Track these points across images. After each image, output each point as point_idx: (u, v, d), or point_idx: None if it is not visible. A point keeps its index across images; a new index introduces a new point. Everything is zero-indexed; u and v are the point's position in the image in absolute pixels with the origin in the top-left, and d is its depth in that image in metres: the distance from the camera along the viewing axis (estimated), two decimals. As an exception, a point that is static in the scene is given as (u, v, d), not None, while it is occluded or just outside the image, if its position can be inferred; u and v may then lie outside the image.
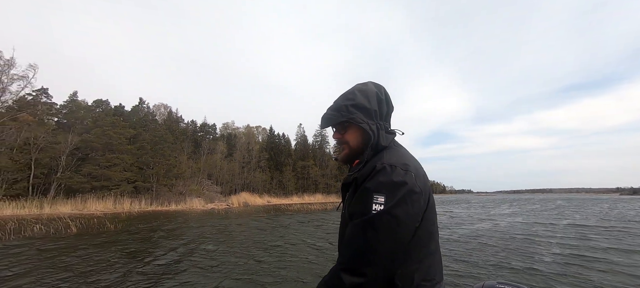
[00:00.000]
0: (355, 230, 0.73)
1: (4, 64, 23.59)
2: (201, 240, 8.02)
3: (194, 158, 38.17)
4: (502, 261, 5.33)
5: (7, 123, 22.07)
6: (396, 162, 0.78)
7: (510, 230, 9.46)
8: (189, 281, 4.29)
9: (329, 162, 53.21)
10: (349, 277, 0.70)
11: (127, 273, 4.72)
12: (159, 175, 27.27)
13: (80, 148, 24.72)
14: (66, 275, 4.56)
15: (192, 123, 47.91)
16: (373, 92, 0.90)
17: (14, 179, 20.97)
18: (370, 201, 0.72)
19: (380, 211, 0.71)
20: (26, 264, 5.24)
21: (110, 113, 31.35)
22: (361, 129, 0.89)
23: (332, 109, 0.92)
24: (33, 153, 22.06)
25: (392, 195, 0.72)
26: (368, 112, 0.87)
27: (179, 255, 6.05)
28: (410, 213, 0.73)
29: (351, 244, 0.73)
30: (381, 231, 0.70)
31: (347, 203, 0.84)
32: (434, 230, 0.82)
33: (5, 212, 15.98)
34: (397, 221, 0.71)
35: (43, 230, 9.59)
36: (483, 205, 27.56)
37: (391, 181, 0.73)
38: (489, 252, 6.14)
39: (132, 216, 15.91)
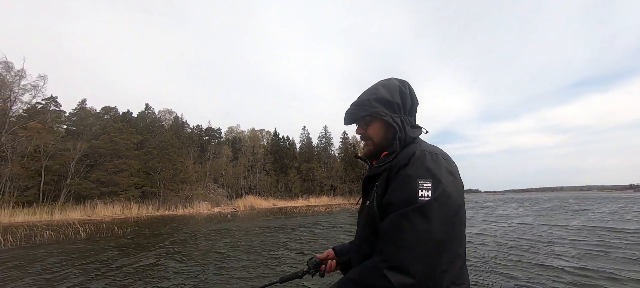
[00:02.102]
0: (399, 221, 0.64)
1: (14, 75, 24.26)
2: (211, 242, 8.04)
3: (200, 162, 38.50)
4: (515, 264, 5.20)
5: (19, 131, 22.61)
6: (435, 150, 0.75)
7: (518, 232, 9.27)
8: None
9: (334, 164, 53.15)
10: (398, 275, 0.60)
11: (137, 277, 4.74)
12: (166, 180, 27.57)
13: (88, 154, 25.18)
14: (75, 281, 4.60)
15: (197, 128, 48.41)
16: (396, 86, 0.88)
17: (25, 186, 21.43)
18: (415, 188, 0.65)
19: (430, 199, 0.63)
20: (32, 270, 5.31)
21: (118, 120, 31.89)
22: (384, 123, 0.87)
23: (355, 104, 0.91)
24: (43, 160, 22.53)
25: (439, 182, 0.66)
26: (391, 105, 0.85)
27: (190, 259, 6.07)
28: (458, 202, 0.68)
29: (397, 237, 0.63)
30: (433, 220, 0.62)
31: (376, 194, 0.78)
32: (464, 229, 0.74)
33: (17, 219, 16.31)
34: (448, 210, 0.64)
35: (53, 236, 9.74)
36: (489, 206, 27.12)
37: (436, 168, 0.68)
38: (498, 255, 6.01)
39: (140, 221, 16.08)
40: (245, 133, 56.47)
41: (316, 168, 50.38)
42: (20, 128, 22.93)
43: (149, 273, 4.98)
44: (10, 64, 23.75)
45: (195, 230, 11.63)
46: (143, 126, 33.67)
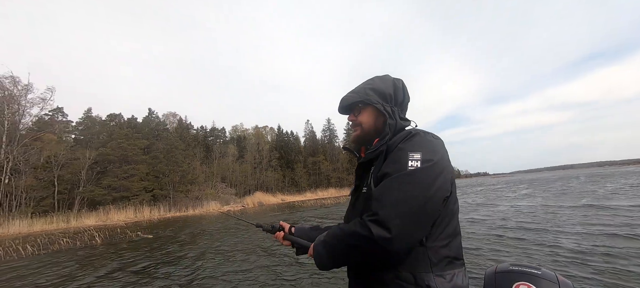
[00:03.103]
0: (389, 184, 0.72)
1: (21, 89, 24.66)
2: (224, 240, 8.18)
3: (207, 162, 38.93)
4: (517, 246, 5.18)
5: (30, 144, 23.11)
6: (425, 131, 0.83)
7: (524, 213, 9.20)
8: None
9: (339, 156, 53.13)
10: (378, 228, 0.68)
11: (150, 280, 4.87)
12: (175, 182, 28.00)
13: (98, 161, 25.65)
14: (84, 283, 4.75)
15: (202, 129, 48.77)
16: (390, 80, 0.95)
17: (40, 196, 22.03)
18: (405, 158, 0.73)
19: (418, 167, 0.71)
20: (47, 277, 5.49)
21: (124, 126, 32.30)
22: (376, 111, 0.94)
23: (351, 91, 0.99)
24: (55, 170, 23.07)
25: (428, 155, 0.73)
26: (384, 95, 0.92)
27: (207, 260, 6.19)
28: (445, 177, 0.74)
29: (383, 197, 0.71)
30: (417, 186, 0.70)
31: (374, 177, 0.83)
32: (457, 207, 0.83)
33: (35, 228, 16.82)
34: (433, 180, 0.71)
35: (70, 243, 10.03)
36: (497, 188, 26.88)
37: (427, 143, 0.77)
38: (500, 237, 5.98)
39: (152, 224, 16.42)
40: (249, 131, 56.71)
41: (322, 161, 50.49)
42: (31, 140, 23.44)
43: (162, 273, 5.11)
44: (16, 78, 24.13)
45: (207, 229, 11.83)
46: (148, 131, 34.05)
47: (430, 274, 0.72)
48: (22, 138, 23.09)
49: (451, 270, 0.75)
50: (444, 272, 0.74)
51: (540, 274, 0.87)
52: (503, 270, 0.95)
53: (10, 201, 20.47)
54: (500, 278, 0.92)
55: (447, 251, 0.76)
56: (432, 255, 0.74)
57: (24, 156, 22.23)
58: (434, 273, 0.73)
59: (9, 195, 20.56)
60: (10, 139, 22.46)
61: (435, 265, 0.73)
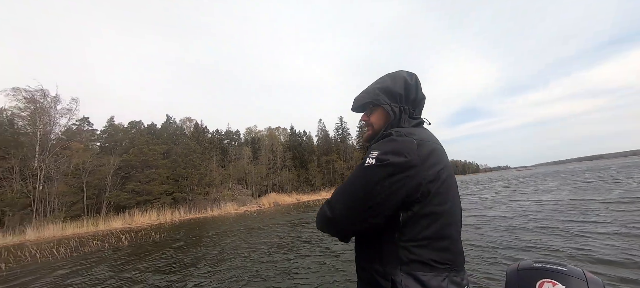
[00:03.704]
0: (349, 176, 0.84)
1: (51, 101, 26.29)
2: (244, 239, 8.37)
3: (223, 165, 39.85)
4: (537, 244, 4.94)
5: (60, 152, 24.60)
6: (403, 131, 0.84)
7: (548, 209, 8.76)
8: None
9: (353, 154, 52.82)
10: (327, 209, 0.83)
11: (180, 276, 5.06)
12: (193, 185, 28.88)
13: (122, 167, 26.87)
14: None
15: (217, 132, 49.98)
16: (402, 77, 0.94)
17: (71, 202, 23.37)
18: (366, 155, 0.81)
19: (370, 164, 0.77)
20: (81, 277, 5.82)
21: (144, 132, 33.67)
22: (385, 112, 0.95)
23: (363, 91, 1.01)
24: (83, 176, 24.39)
25: (384, 155, 0.77)
26: (392, 95, 0.93)
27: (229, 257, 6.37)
28: (403, 178, 0.75)
29: (339, 186, 0.84)
30: (361, 179, 0.78)
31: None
32: (446, 210, 0.79)
33: (68, 232, 17.89)
34: (379, 178, 0.75)
35: (99, 245, 10.60)
36: (519, 182, 25.76)
37: (391, 144, 0.80)
38: (518, 235, 5.73)
39: (174, 226, 17.04)
40: (263, 132, 57.49)
41: (335, 160, 50.40)
42: (61, 149, 24.94)
43: (189, 270, 5.29)
44: (46, 91, 25.76)
45: (225, 229, 12.14)
46: (167, 136, 35.31)
47: (397, 270, 0.76)
48: (53, 147, 24.61)
49: (425, 272, 0.74)
50: (416, 272, 0.74)
51: (567, 271, 0.83)
52: (526, 267, 0.91)
53: (45, 207, 21.87)
54: (523, 276, 0.88)
55: (424, 252, 0.76)
56: (402, 253, 0.76)
57: (55, 164, 23.69)
58: (402, 271, 0.75)
59: (43, 200, 21.97)
60: (43, 149, 24.00)
61: (405, 263, 0.75)
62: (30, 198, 21.58)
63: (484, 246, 4.89)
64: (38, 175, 22.57)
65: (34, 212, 21.06)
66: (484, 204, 10.96)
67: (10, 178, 22.25)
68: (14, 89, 24.31)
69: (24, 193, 21.65)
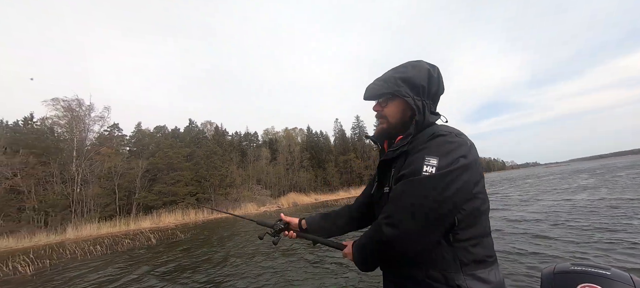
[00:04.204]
0: (403, 188, 0.74)
1: (85, 109, 28.27)
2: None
3: (243, 166, 40.86)
4: (568, 249, 4.60)
5: (94, 157, 26.40)
6: (451, 130, 0.79)
7: (581, 209, 8.14)
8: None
9: (371, 152, 52.13)
10: (391, 229, 0.72)
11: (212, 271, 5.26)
12: (215, 186, 29.89)
13: (149, 170, 28.34)
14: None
15: (236, 135, 51.32)
16: (425, 69, 0.87)
17: (105, 203, 25.01)
18: (421, 163, 0.73)
19: (432, 174, 0.71)
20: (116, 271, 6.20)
21: (169, 136, 35.30)
22: (404, 105, 0.88)
23: (380, 79, 0.92)
24: (115, 179, 25.98)
25: (445, 161, 0.71)
26: (415, 87, 0.85)
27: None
28: (466, 180, 0.72)
29: (397, 200, 0.74)
30: (430, 191, 0.70)
31: (394, 180, 0.82)
32: (487, 206, 0.80)
33: (102, 231, 19.15)
34: (446, 186, 0.70)
35: (130, 244, 11.24)
36: (550, 179, 24.16)
37: (447, 147, 0.74)
38: (547, 237, 5.36)
39: (198, 225, 17.72)
40: (280, 134, 58.26)
41: (353, 159, 50.04)
42: (95, 154, 26.74)
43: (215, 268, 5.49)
44: (81, 100, 27.74)
45: (246, 229, 12.44)
46: (189, 140, 36.76)
47: (460, 274, 0.72)
48: (88, 153, 26.45)
49: (483, 269, 0.74)
50: (476, 272, 0.73)
51: (611, 275, 0.76)
52: (563, 270, 0.85)
53: (82, 208, 23.56)
54: (561, 279, 0.83)
55: (478, 250, 0.75)
56: (461, 255, 0.73)
57: (90, 168, 25.45)
58: (465, 273, 0.72)
59: (80, 202, 23.68)
60: (79, 154, 25.87)
61: (465, 265, 0.73)
62: (69, 199, 23.35)
63: (510, 250, 4.65)
64: (75, 178, 24.36)
65: (72, 213, 22.76)
66: (508, 203, 10.42)
67: (52, 182, 24.20)
68: (54, 99, 26.42)
69: (64, 195, 23.45)
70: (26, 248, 13.59)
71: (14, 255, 10.25)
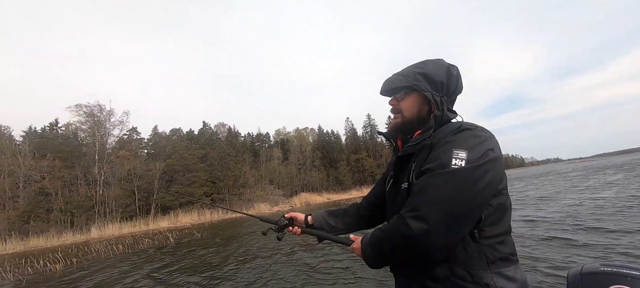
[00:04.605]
0: (430, 180, 0.70)
1: (106, 114, 29.50)
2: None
3: (255, 166, 41.46)
4: (592, 250, 4.37)
5: (114, 160, 27.53)
6: (476, 125, 0.78)
7: (609, 207, 7.71)
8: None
9: (383, 151, 51.61)
10: (418, 223, 0.68)
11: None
12: (229, 186, 30.49)
13: (166, 171, 29.27)
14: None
15: (248, 136, 52.12)
16: (444, 66, 0.87)
17: (126, 204, 26.05)
18: (449, 156, 0.70)
19: (462, 166, 0.68)
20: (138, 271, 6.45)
21: (184, 138, 36.29)
22: (421, 99, 0.87)
23: (399, 73, 0.92)
24: (134, 181, 27.00)
25: (474, 154, 0.70)
26: (434, 83, 0.85)
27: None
28: (494, 175, 0.71)
29: (424, 193, 0.70)
30: (460, 185, 0.67)
31: (415, 174, 0.79)
32: (510, 202, 0.79)
33: (124, 231, 19.97)
34: (477, 180, 0.68)
35: (149, 243, 11.66)
36: (573, 176, 23.08)
37: (475, 141, 0.72)
38: (569, 238, 5.11)
39: (214, 225, 18.14)
40: (291, 134, 58.67)
41: (365, 158, 49.70)
42: (115, 157, 27.89)
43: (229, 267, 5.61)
44: (102, 105, 28.98)
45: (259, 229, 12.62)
46: (204, 141, 37.67)
47: (488, 272, 0.70)
48: (109, 156, 27.62)
49: (508, 267, 0.73)
50: (502, 270, 0.72)
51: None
52: (592, 271, 0.80)
53: (105, 209, 24.64)
54: (589, 281, 0.78)
55: (504, 247, 0.74)
56: (488, 252, 0.71)
57: (111, 170, 26.57)
58: (492, 271, 0.71)
59: (103, 203, 24.77)
60: (100, 157, 27.06)
61: (492, 262, 0.71)
62: (93, 201, 24.49)
63: (530, 251, 4.49)
64: (98, 181, 25.51)
65: (96, 213, 23.85)
66: (525, 201, 10.03)
67: (77, 184, 25.45)
68: (77, 105, 27.74)
69: (88, 197, 24.62)
70: (55, 247, 14.35)
71: (44, 254, 10.87)
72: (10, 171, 24.07)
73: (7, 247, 17.15)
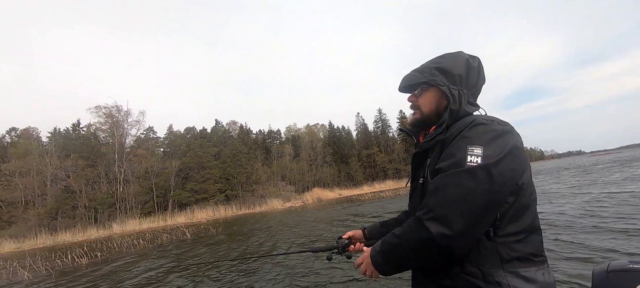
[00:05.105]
0: (446, 180, 0.68)
1: (123, 115, 30.59)
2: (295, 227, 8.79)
3: (267, 163, 41.97)
4: (618, 246, 4.15)
5: (132, 159, 28.59)
6: (493, 118, 0.75)
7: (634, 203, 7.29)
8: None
9: (394, 146, 50.96)
10: (438, 226, 0.65)
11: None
12: (242, 183, 31.04)
13: (181, 169, 30.14)
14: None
15: (260, 133, 52.72)
16: (463, 58, 0.85)
17: (144, 200, 27.07)
18: (464, 153, 0.68)
19: (478, 164, 0.66)
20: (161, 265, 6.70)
21: (198, 137, 37.14)
22: (439, 94, 0.86)
23: (416, 70, 0.91)
24: (152, 178, 27.97)
25: (490, 150, 0.67)
26: (451, 76, 0.83)
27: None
28: (512, 169, 0.68)
29: (441, 193, 0.67)
30: (479, 182, 0.65)
31: (430, 170, 0.79)
32: (535, 199, 0.75)
33: (143, 226, 20.78)
34: (494, 178, 0.65)
35: (168, 238, 12.09)
36: (597, 169, 21.99)
37: (490, 135, 0.69)
38: (589, 234, 4.88)
39: (228, 221, 18.57)
40: (302, 130, 58.89)
41: (376, 153, 49.26)
42: (133, 156, 28.95)
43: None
44: (119, 106, 30.06)
45: (272, 224, 12.82)
46: (217, 139, 38.42)
47: (501, 271, 0.68)
48: (127, 155, 28.70)
49: (528, 267, 0.69)
50: (519, 269, 0.68)
51: None
52: (619, 268, 0.78)
53: (125, 205, 25.70)
54: (616, 279, 0.76)
55: (523, 247, 0.70)
56: (502, 250, 0.69)
57: (130, 169, 27.63)
58: (506, 270, 0.68)
59: (123, 200, 25.84)
60: (119, 156, 28.17)
61: (506, 261, 0.68)
62: (114, 198, 25.59)
63: (551, 247, 4.33)
64: (118, 178, 26.60)
65: (117, 210, 24.94)
66: (547, 197, 9.65)
67: (99, 182, 26.66)
68: (97, 107, 28.92)
69: (110, 194, 25.75)
70: (80, 242, 15.16)
71: (71, 248, 11.49)
72: (38, 171, 25.50)
73: (37, 242, 18.27)
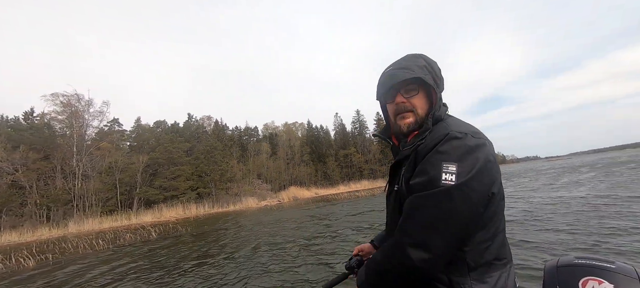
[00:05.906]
0: (422, 201, 0.66)
1: (84, 104, 28.18)
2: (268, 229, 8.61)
3: (243, 160, 40.92)
4: (574, 238, 4.62)
5: (94, 152, 26.41)
6: (466, 129, 0.71)
7: (587, 204, 8.15)
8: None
9: (371, 147, 52.19)
10: (419, 252, 0.64)
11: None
12: (215, 180, 29.95)
13: (149, 165, 28.40)
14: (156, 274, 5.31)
15: (236, 129, 51.26)
16: (434, 60, 0.83)
17: (106, 198, 25.12)
18: (439, 170, 0.66)
19: (454, 182, 0.64)
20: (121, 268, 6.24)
21: (168, 131, 35.26)
22: (427, 96, 0.82)
23: (401, 67, 0.81)
24: (116, 174, 26.05)
25: (466, 165, 0.65)
26: (435, 79, 0.80)
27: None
28: (486, 183, 0.67)
29: (418, 216, 0.66)
30: (455, 202, 0.63)
31: (404, 178, 0.76)
32: (503, 206, 0.75)
33: (104, 225, 19.28)
34: (471, 193, 0.64)
35: (131, 238, 11.32)
36: (550, 173, 24.26)
37: (465, 150, 0.67)
38: (553, 229, 5.38)
39: (199, 220, 17.82)
40: (280, 128, 58.21)
41: (353, 154, 50.06)
42: (95, 149, 26.76)
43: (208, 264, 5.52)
44: (80, 95, 27.64)
45: (245, 223, 12.51)
46: (189, 134, 36.74)
47: (467, 279, 0.68)
48: (88, 148, 26.46)
49: (492, 272, 0.70)
50: (484, 276, 0.69)
51: (616, 268, 0.74)
52: (567, 263, 0.83)
53: (84, 203, 23.67)
54: (564, 273, 0.81)
55: (487, 253, 0.70)
56: (470, 259, 0.69)
57: (90, 163, 25.50)
58: (472, 277, 0.68)
59: (82, 197, 23.78)
60: (79, 149, 25.89)
61: (473, 269, 0.69)
62: (71, 194, 23.46)
63: (518, 241, 4.67)
64: (76, 173, 24.43)
65: (74, 207, 22.88)
66: (508, 199, 10.44)
67: (54, 177, 24.27)
68: (53, 94, 26.34)
69: (66, 190, 23.55)
70: (29, 243, 13.72)
71: (17, 249, 10.34)
72: (-22, 163, 22.65)
73: (-25, 243, 16.21)
